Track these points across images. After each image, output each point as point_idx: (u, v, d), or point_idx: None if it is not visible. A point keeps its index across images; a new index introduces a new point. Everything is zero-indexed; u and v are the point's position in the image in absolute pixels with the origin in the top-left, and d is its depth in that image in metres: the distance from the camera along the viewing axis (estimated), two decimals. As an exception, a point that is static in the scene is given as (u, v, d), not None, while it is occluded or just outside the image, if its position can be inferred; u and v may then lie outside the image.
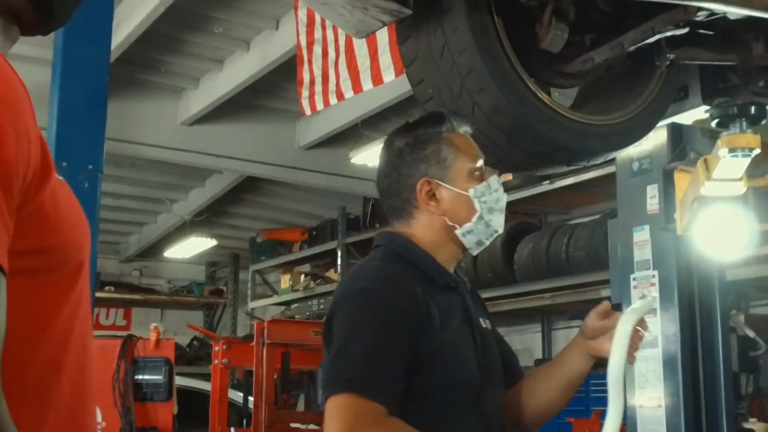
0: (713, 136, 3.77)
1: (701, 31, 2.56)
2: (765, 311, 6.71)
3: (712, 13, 2.32)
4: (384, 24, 2.43)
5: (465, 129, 2.11)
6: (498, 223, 2.08)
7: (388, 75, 5.73)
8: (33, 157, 0.85)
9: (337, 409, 1.78)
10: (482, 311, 2.11)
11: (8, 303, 0.79)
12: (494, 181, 2.08)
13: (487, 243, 2.09)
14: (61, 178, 0.93)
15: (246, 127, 8.93)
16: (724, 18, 2.37)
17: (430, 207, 2.03)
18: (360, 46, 5.67)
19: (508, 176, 8.10)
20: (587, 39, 2.56)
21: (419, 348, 1.86)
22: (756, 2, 2.11)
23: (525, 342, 9.28)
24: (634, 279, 4.02)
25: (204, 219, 11.09)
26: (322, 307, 10.16)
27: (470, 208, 2.03)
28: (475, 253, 2.11)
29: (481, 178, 2.06)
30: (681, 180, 3.83)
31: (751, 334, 4.64)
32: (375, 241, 2.13)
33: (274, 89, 8.32)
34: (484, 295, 8.07)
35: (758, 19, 2.28)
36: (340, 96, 5.88)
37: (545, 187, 7.75)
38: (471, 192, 2.04)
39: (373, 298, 1.89)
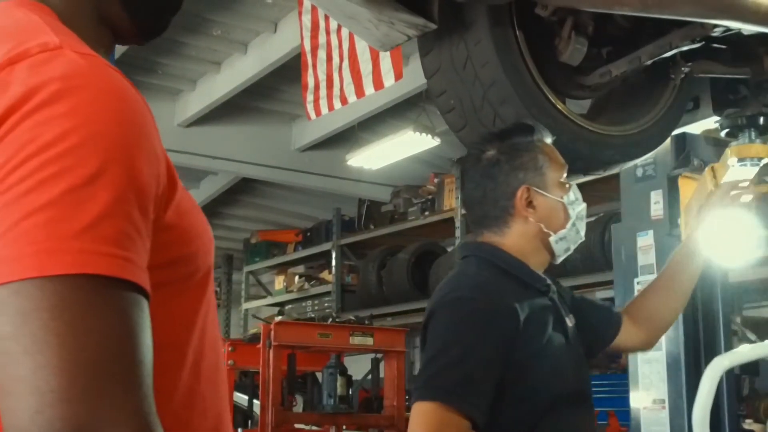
0: (716, 143, 3.86)
1: (715, 45, 2.64)
2: (757, 314, 6.80)
3: (727, 28, 2.39)
4: (408, 38, 2.49)
5: (549, 139, 2.18)
6: (583, 229, 2.16)
7: (389, 79, 5.81)
8: (161, 176, 0.87)
9: (422, 415, 1.83)
10: (566, 307, 2.16)
11: (152, 317, 0.82)
12: (576, 189, 2.15)
13: (572, 250, 2.16)
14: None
15: (242, 129, 8.97)
16: (737, 33, 2.44)
17: (528, 214, 2.07)
18: (363, 51, 5.74)
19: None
20: (605, 52, 2.63)
21: (515, 358, 1.91)
22: (773, 19, 2.19)
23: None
24: (638, 283, 4.10)
25: (198, 220, 11.09)
26: (316, 308, 10.19)
27: (565, 215, 2.10)
28: (559, 260, 2.15)
29: (568, 187, 2.13)
30: (685, 186, 3.91)
31: (752, 337, 4.74)
32: (461, 251, 2.17)
33: (271, 91, 8.36)
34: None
35: (772, 34, 2.36)
36: (344, 101, 5.95)
37: (540, 189, 7.79)
38: (565, 199, 2.10)
39: (470, 308, 1.95)
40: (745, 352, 2.08)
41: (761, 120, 2.87)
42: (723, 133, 2.98)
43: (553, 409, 1.98)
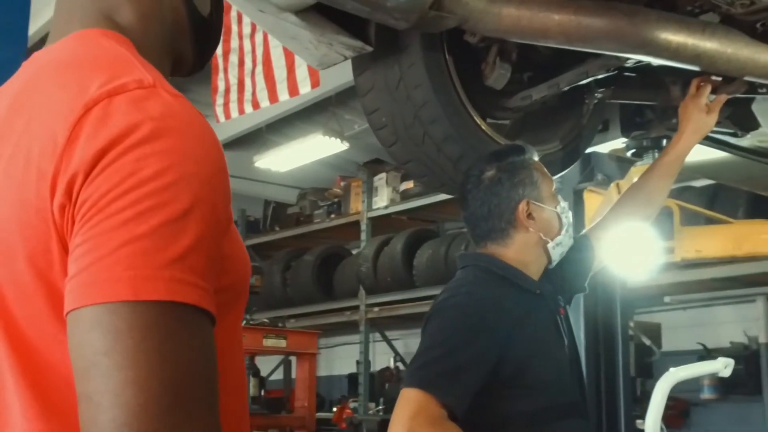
0: (619, 160, 4.12)
1: (627, 74, 2.85)
2: (648, 319, 7.17)
3: (639, 60, 2.60)
4: (345, 58, 2.61)
5: (537, 156, 2.42)
6: (573, 234, 2.38)
7: (305, 87, 5.91)
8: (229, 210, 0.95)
9: (403, 399, 2.03)
10: (556, 299, 2.36)
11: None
12: (563, 199, 2.39)
13: (564, 254, 2.37)
14: None
15: (149, 129, 8.89)
16: (648, 64, 2.65)
17: (529, 225, 2.29)
18: (278, 58, 5.82)
19: (410, 184, 8.37)
20: (527, 77, 2.81)
21: (512, 356, 2.12)
22: (682, 56, 2.39)
23: (420, 344, 9.52)
24: (544, 290, 4.31)
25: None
26: (218, 308, 10.18)
27: (560, 222, 2.33)
28: (554, 264, 2.36)
29: (558, 198, 2.36)
30: (590, 199, 4.16)
31: (647, 341, 5.03)
32: (460, 262, 2.40)
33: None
34: (384, 299, 8.31)
35: (678, 66, 2.58)
36: (255, 105, 6.01)
37: (444, 196, 7.99)
38: (558, 209, 2.33)
39: (462, 311, 2.17)
40: (697, 368, 2.32)
41: (664, 142, 3.10)
42: (629, 153, 3.20)
43: (555, 420, 2.19)
